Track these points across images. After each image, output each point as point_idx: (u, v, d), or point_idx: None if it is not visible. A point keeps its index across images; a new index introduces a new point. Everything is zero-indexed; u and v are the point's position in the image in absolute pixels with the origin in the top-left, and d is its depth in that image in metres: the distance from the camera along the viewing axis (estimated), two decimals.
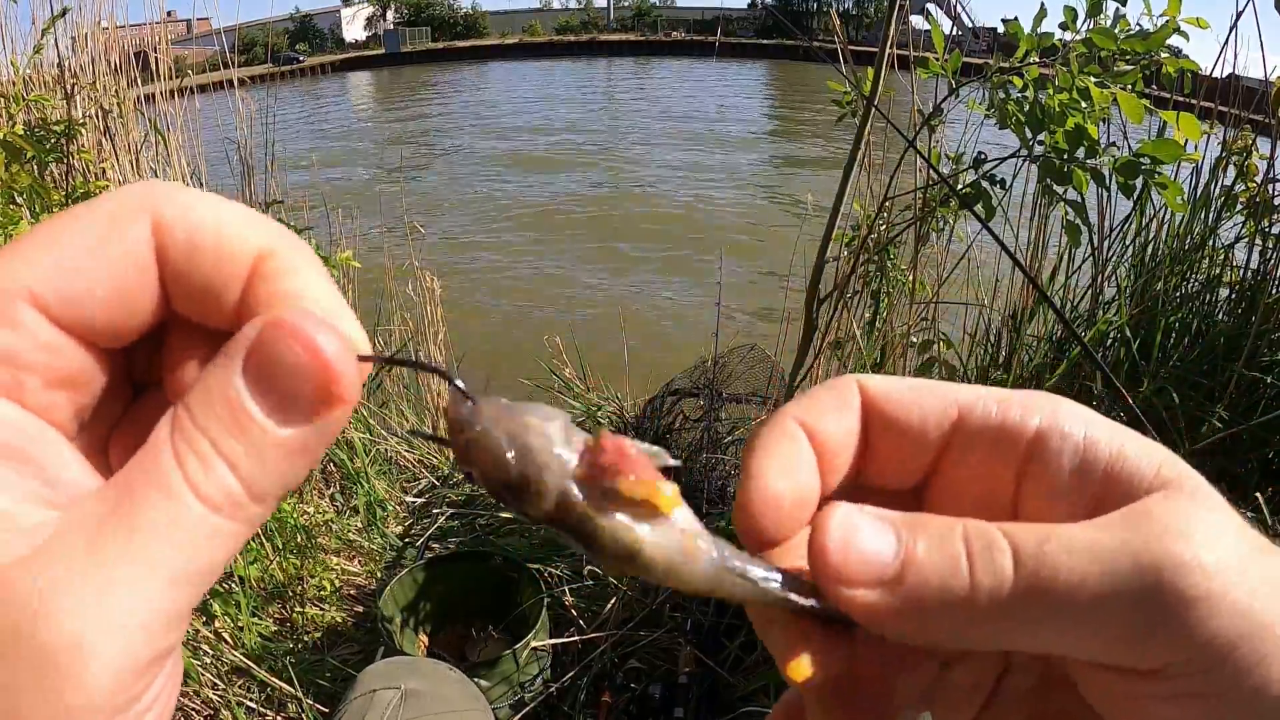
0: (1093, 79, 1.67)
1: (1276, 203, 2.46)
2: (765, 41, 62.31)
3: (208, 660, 2.27)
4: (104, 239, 0.27)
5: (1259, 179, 2.49)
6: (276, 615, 2.57)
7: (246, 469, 0.26)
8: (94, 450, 0.29)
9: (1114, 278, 2.58)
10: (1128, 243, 2.58)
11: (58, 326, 0.27)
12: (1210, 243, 2.52)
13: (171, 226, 0.27)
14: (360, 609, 2.66)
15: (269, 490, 0.26)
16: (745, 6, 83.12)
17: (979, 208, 1.84)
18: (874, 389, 0.33)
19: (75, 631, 0.22)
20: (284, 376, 0.26)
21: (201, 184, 3.67)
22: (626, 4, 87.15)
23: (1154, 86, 1.86)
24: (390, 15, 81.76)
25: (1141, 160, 1.65)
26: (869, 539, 0.29)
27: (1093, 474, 0.30)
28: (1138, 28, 1.70)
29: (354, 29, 79.66)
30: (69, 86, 2.98)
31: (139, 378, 0.32)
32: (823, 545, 0.29)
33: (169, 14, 4.51)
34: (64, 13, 2.94)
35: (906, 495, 0.34)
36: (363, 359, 0.28)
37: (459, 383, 0.30)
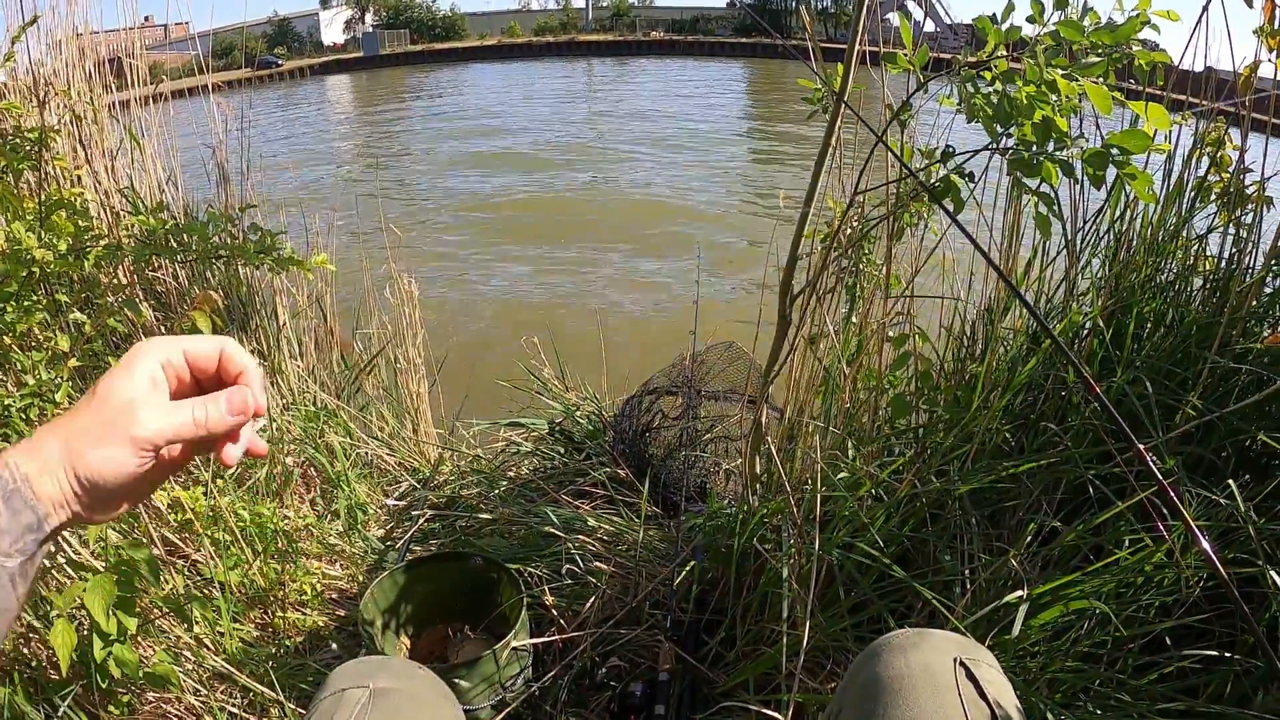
0: (1060, 71, 1.68)
1: (1248, 193, 2.47)
2: (744, 40, 62.40)
3: (189, 666, 2.26)
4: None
5: (1231, 169, 2.50)
6: (258, 620, 2.56)
7: (205, 420, 0.77)
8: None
9: (1088, 269, 2.59)
10: (1101, 234, 2.59)
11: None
12: (1184, 233, 2.54)
13: (191, 348, 0.80)
14: (342, 612, 2.66)
15: (204, 429, 0.77)
16: (724, 5, 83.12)
17: (948, 202, 1.85)
18: None
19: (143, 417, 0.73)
20: (235, 406, 0.79)
21: (178, 188, 3.66)
22: (605, 4, 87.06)
23: (1131, 80, 1.87)
24: (369, 18, 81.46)
25: (1111, 151, 1.66)
26: None
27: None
28: (1108, 20, 1.71)
29: (332, 32, 79.34)
30: (42, 93, 2.96)
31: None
32: None
33: (146, 19, 4.48)
34: (34, 20, 2.93)
35: None
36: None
37: None
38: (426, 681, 1.25)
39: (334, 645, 2.50)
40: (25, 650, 2.08)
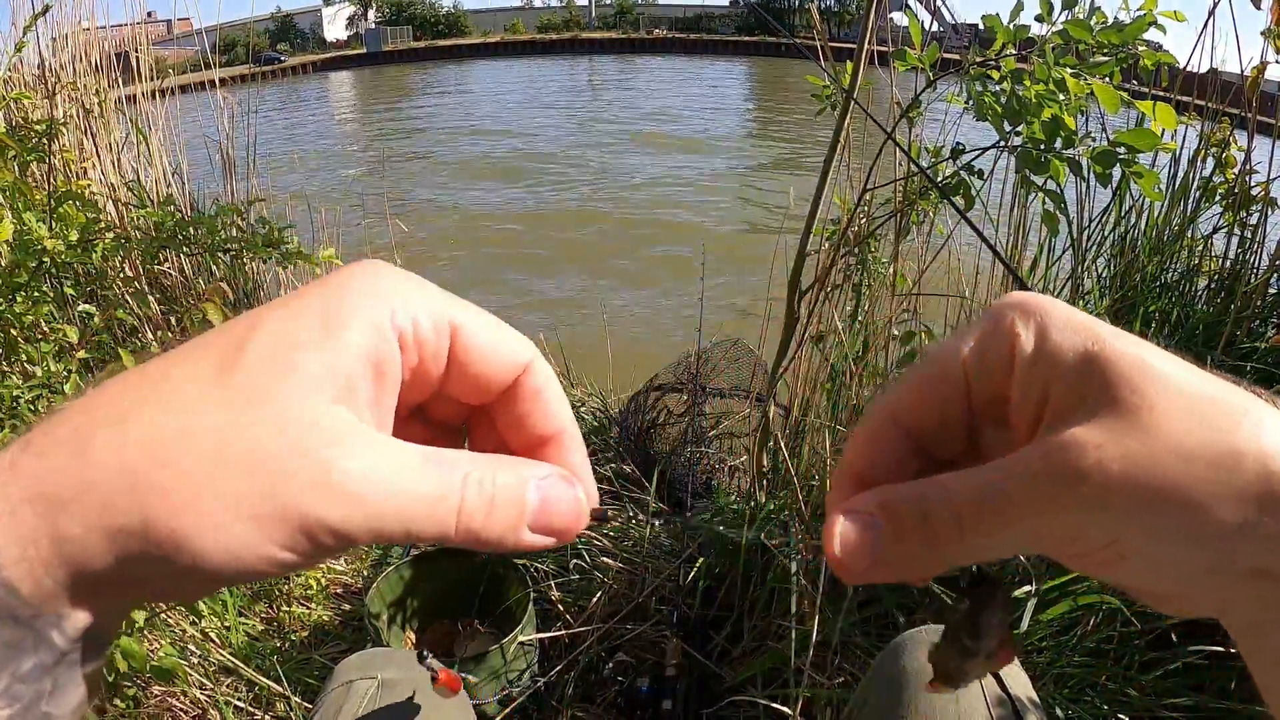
0: (1069, 70, 1.68)
1: (1254, 193, 2.48)
2: (747, 38, 62.40)
3: (195, 660, 2.27)
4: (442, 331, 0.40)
5: (1236, 170, 2.51)
6: (263, 614, 2.57)
7: (482, 523, 0.36)
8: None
9: (1094, 267, 2.60)
10: (1107, 233, 2.60)
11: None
12: (1189, 233, 2.55)
13: (468, 330, 0.40)
14: (347, 607, 2.66)
15: (472, 538, 0.36)
16: (727, 4, 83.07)
17: (958, 199, 1.86)
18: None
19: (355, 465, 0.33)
20: (555, 518, 0.38)
21: (184, 182, 3.67)
22: (608, 1, 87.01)
23: (1134, 81, 1.87)
24: (371, 14, 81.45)
25: (1118, 149, 1.66)
26: (856, 544, 0.38)
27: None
28: (1115, 20, 1.72)
29: (335, 28, 79.34)
30: (50, 86, 2.97)
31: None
32: (830, 555, 0.38)
33: (149, 14, 4.49)
34: (45, 10, 2.93)
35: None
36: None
37: None
38: None
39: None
40: None
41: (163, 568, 0.31)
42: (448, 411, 0.44)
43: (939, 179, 1.96)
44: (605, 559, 2.46)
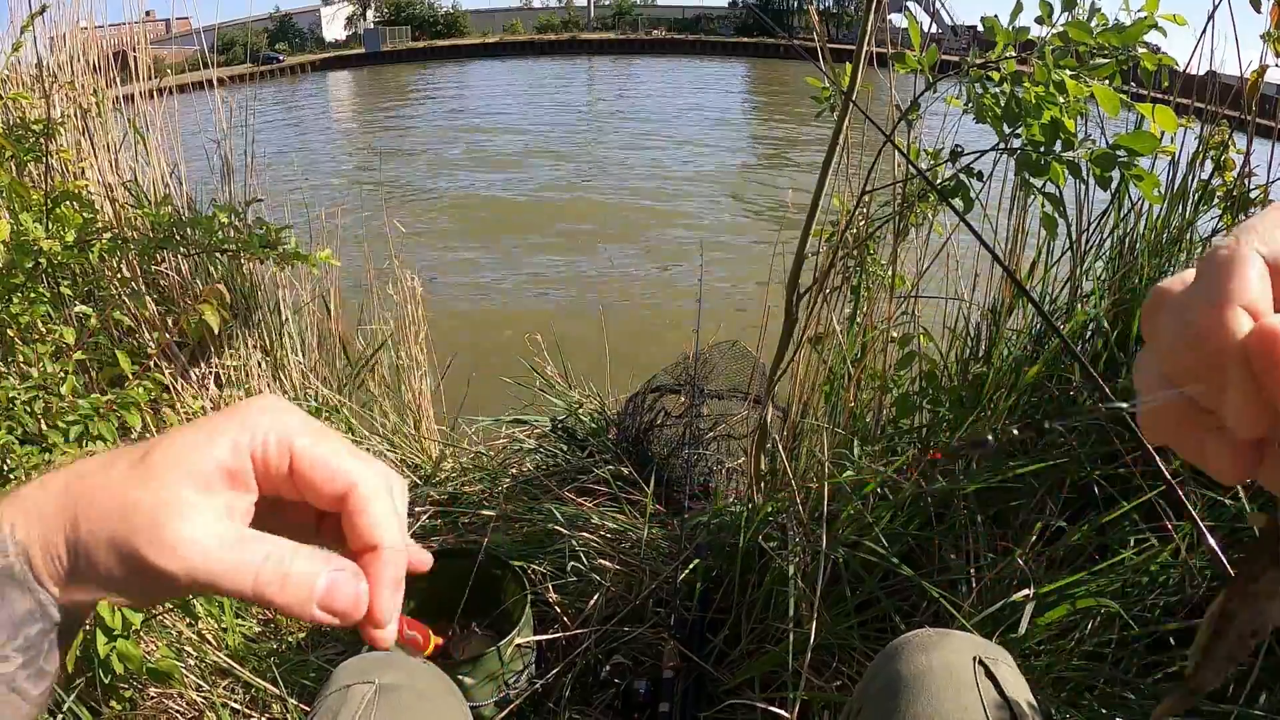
0: (1068, 73, 1.68)
1: (1252, 196, 2.47)
2: (746, 39, 62.43)
3: (191, 662, 2.26)
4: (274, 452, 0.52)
5: (1235, 173, 2.51)
6: (260, 616, 2.56)
7: (275, 593, 0.49)
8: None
9: (1093, 270, 2.59)
10: (1105, 235, 2.59)
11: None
12: (1188, 235, 2.54)
13: (301, 455, 0.52)
14: None
15: (266, 603, 0.49)
16: (726, 4, 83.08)
17: (957, 201, 1.85)
18: None
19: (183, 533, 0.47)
20: (338, 602, 0.51)
21: (181, 182, 3.65)
22: (607, 2, 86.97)
23: (1133, 83, 1.87)
24: (370, 14, 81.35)
25: (1118, 152, 1.66)
26: None
27: None
28: (1115, 22, 1.71)
29: (334, 28, 79.17)
30: (47, 85, 2.96)
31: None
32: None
33: (148, 13, 4.47)
34: (43, 10, 2.92)
35: None
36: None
37: None
38: (431, 677, 1.24)
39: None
40: None
41: (93, 567, 0.47)
42: (300, 516, 0.56)
43: (938, 181, 1.96)
44: (602, 561, 2.46)
